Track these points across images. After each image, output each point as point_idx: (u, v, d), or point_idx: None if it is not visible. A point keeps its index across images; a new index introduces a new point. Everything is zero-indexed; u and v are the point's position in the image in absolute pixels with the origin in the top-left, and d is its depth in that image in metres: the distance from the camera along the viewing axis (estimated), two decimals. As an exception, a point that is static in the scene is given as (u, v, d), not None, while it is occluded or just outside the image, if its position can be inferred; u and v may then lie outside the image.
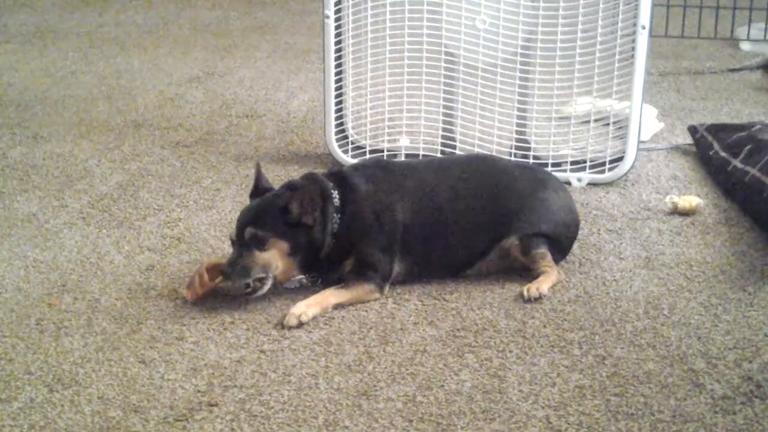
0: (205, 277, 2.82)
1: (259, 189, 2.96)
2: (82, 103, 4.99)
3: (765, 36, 6.05)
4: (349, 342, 2.65)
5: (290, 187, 2.91)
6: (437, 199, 2.99)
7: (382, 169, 3.05)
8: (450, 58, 3.81)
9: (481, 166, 3.13)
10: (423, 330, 2.72)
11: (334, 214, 2.88)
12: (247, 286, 2.81)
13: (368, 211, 2.92)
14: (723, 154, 3.83)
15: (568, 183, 3.74)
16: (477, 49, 3.75)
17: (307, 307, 2.76)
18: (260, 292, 2.82)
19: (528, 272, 2.99)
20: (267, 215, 2.84)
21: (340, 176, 2.98)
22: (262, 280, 2.82)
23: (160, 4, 7.79)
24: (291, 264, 2.86)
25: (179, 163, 4.10)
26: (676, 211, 3.51)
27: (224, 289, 2.89)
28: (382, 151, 3.94)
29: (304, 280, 2.95)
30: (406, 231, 2.94)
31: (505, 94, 3.80)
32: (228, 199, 3.70)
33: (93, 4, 7.74)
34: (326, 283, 2.91)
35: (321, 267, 2.92)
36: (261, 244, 2.80)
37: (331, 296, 2.84)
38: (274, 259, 2.82)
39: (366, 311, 2.83)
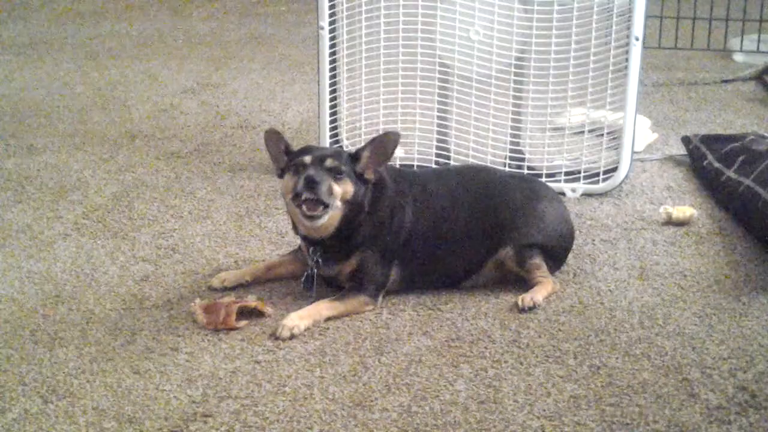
0: (233, 317, 2.77)
1: (289, 150, 2.91)
2: (77, 114, 4.99)
3: (758, 47, 6.07)
4: (344, 352, 2.65)
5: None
6: (436, 209, 3.00)
7: (396, 173, 3.05)
8: (444, 69, 3.81)
9: (477, 177, 3.13)
10: (418, 340, 2.72)
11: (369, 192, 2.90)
12: (314, 201, 2.75)
13: (386, 206, 2.92)
14: (716, 164, 3.84)
15: (563, 193, 3.74)
16: (471, 60, 3.76)
17: (299, 320, 2.75)
18: (316, 213, 2.77)
19: (523, 282, 3.00)
20: (343, 156, 2.86)
21: None
22: (324, 206, 2.77)
23: (154, 16, 7.79)
24: (344, 209, 2.83)
25: (174, 173, 4.10)
26: (670, 222, 3.52)
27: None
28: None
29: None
30: (408, 239, 2.95)
31: (499, 105, 3.81)
32: (222, 209, 3.70)
33: (88, 16, 7.75)
34: (321, 293, 2.91)
35: (332, 249, 2.89)
36: (338, 175, 2.79)
37: (324, 309, 2.83)
38: (342, 192, 2.80)
39: (361, 321, 2.83)
